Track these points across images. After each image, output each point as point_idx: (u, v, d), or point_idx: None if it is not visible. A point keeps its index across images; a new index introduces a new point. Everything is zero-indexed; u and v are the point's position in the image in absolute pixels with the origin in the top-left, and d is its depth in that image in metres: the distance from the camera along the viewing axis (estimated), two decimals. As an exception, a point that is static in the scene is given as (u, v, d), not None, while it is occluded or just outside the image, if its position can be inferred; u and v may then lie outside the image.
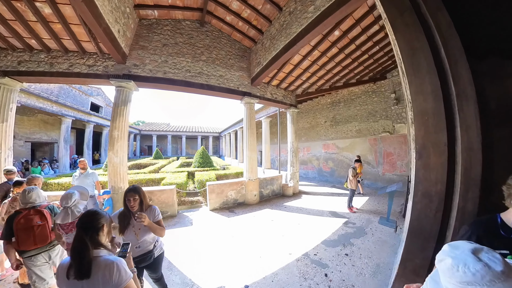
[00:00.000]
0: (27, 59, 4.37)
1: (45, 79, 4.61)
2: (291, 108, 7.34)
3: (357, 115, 8.57)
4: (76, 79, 4.55)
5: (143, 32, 4.80)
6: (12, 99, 4.49)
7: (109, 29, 3.51)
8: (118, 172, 4.48)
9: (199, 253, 3.23)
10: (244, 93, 5.98)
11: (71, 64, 4.42)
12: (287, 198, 6.54)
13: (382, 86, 7.76)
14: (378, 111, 7.82)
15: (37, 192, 1.97)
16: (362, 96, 8.40)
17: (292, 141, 7.32)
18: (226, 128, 21.38)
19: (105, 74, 4.45)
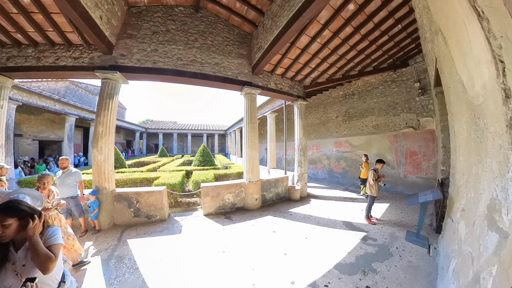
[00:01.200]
0: (15, 54, 4.27)
1: (32, 74, 4.44)
2: (298, 100, 6.51)
3: (374, 109, 7.58)
4: (62, 73, 4.35)
5: (132, 20, 4.44)
6: (3, 96, 4.47)
7: (87, 14, 3.22)
8: (103, 171, 4.18)
9: (183, 271, 2.67)
10: (243, 82, 5.24)
11: (57, 57, 4.25)
12: (293, 203, 5.75)
13: (403, 74, 6.73)
14: (399, 103, 6.81)
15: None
16: (380, 86, 7.40)
17: (300, 138, 6.50)
18: (231, 125, 20.76)
19: (91, 66, 4.19)
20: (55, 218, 2.64)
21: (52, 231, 1.28)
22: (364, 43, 5.05)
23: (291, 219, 4.53)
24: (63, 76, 4.75)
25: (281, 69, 5.77)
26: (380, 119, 7.38)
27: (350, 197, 6.36)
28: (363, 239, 3.50)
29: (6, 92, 4.57)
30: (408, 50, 5.98)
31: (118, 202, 4.25)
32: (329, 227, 4.07)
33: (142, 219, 4.34)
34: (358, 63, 5.99)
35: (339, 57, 5.47)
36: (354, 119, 8.32)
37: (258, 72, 5.32)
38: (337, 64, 5.83)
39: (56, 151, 14.52)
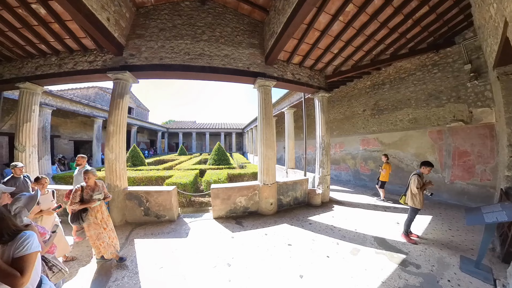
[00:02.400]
0: (42, 63, 4.78)
1: (55, 80, 4.82)
2: (319, 92, 5.73)
3: (410, 99, 6.47)
4: (79, 77, 4.63)
5: (140, 21, 4.52)
6: (34, 101, 5.00)
7: (93, 16, 3.30)
8: (114, 169, 4.26)
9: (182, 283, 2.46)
10: (256, 74, 4.73)
11: (75, 63, 4.56)
12: (313, 210, 5.07)
13: (448, 55, 5.54)
14: (444, 91, 5.65)
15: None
16: (417, 72, 6.26)
17: (322, 135, 5.73)
18: (248, 123, 20.40)
19: (103, 68, 4.36)
20: (98, 210, 2.75)
21: (24, 238, 1.09)
22: (397, 18, 4.14)
23: (311, 230, 3.90)
24: (80, 80, 4.98)
25: (298, 57, 5.09)
26: (418, 112, 6.25)
27: (381, 205, 5.43)
28: (402, 264, 2.75)
29: (37, 98, 5.11)
30: (454, 24, 4.80)
31: (129, 200, 4.29)
32: (356, 243, 3.36)
33: (151, 218, 4.32)
34: (390, 44, 5.02)
35: (367, 38, 4.61)
36: (385, 112, 7.24)
37: (272, 62, 4.74)
38: (364, 47, 4.95)
39: (88, 150, 15.89)
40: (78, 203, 2.58)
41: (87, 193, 2.66)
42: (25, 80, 4.76)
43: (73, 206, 2.55)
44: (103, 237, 2.74)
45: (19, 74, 4.93)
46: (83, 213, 2.65)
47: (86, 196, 2.65)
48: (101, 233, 2.73)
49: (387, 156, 5.77)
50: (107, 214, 2.93)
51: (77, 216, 2.61)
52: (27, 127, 4.84)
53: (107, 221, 2.88)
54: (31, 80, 4.77)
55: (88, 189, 2.70)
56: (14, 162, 3.54)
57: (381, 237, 3.56)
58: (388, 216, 4.57)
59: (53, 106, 9.50)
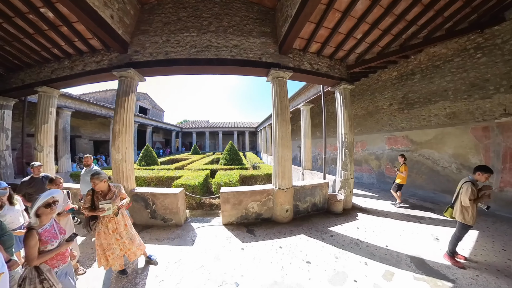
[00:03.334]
0: (56, 67, 5.00)
1: (68, 82, 5.03)
2: (341, 84, 5.09)
3: (447, 91, 5.59)
4: (88, 77, 4.68)
5: (145, 17, 4.41)
6: (51, 104, 5.32)
7: (96, 14, 3.25)
8: (121, 170, 4.17)
9: None
10: (269, 64, 4.25)
11: (85, 64, 4.67)
12: (334, 218, 4.50)
13: (495, 35, 4.62)
14: (491, 79, 4.74)
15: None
16: (456, 58, 5.37)
17: (345, 133, 5.07)
18: (262, 121, 19.90)
19: (109, 67, 4.34)
20: (110, 219, 2.47)
21: None
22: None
23: (332, 244, 3.36)
24: (89, 80, 4.97)
25: (316, 44, 4.51)
26: (458, 105, 5.37)
27: (413, 214, 4.69)
28: (454, 296, 2.15)
29: (54, 101, 5.42)
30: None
31: (136, 202, 4.15)
32: (389, 264, 2.78)
33: (158, 221, 4.17)
34: (424, 25, 4.23)
35: (396, 18, 3.90)
36: (415, 106, 6.38)
37: (287, 51, 4.23)
38: (392, 30, 4.23)
39: (106, 149, 16.68)
40: (87, 209, 2.34)
41: (97, 198, 2.40)
42: (42, 84, 5.07)
43: (84, 211, 2.34)
44: (113, 248, 2.46)
45: (37, 78, 5.26)
46: (91, 221, 2.38)
47: (96, 202, 2.38)
48: (111, 244, 2.45)
49: (404, 156, 5.23)
50: (125, 223, 2.61)
51: (86, 222, 2.38)
52: (45, 128, 5.21)
53: (122, 232, 2.55)
54: (48, 83, 5.05)
55: (99, 194, 2.43)
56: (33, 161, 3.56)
57: (419, 257, 2.93)
58: (424, 229, 3.88)
59: (72, 108, 10.02)
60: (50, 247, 1.58)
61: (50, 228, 1.65)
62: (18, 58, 5.08)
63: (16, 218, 2.43)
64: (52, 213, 1.67)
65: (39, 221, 1.60)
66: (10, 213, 2.39)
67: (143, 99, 23.84)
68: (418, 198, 5.86)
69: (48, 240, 1.57)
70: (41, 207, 1.59)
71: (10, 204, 2.45)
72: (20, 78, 5.67)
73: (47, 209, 1.61)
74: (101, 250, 2.42)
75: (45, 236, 1.57)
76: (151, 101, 25.56)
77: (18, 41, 4.38)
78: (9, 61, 5.28)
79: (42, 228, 1.59)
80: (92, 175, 2.39)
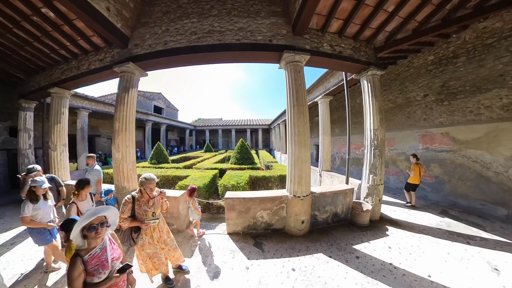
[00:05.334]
0: (65, 68, 5.13)
1: (76, 82, 5.10)
2: (368, 69, 4.22)
3: (503, 75, 4.47)
4: (93, 76, 4.64)
5: (145, 9, 4.15)
6: (63, 104, 5.46)
7: (88, 5, 3.06)
8: (121, 170, 3.99)
9: None
10: (282, 47, 3.59)
11: (89, 63, 4.67)
12: (358, 232, 3.74)
13: None
14: None
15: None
16: (518, 35, 4.26)
17: (374, 129, 4.23)
18: (275, 118, 19.12)
19: (111, 64, 4.22)
20: (154, 228, 2.25)
21: None
22: None
23: (358, 269, 2.66)
24: (95, 79, 4.95)
25: (337, 22, 3.71)
26: (519, 93, 4.27)
27: (458, 232, 3.73)
28: None
29: (66, 101, 5.55)
30: None
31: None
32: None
33: None
34: None
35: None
36: (459, 96, 5.29)
37: (302, 31, 3.53)
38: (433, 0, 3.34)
39: None
40: (128, 220, 2.00)
41: (139, 206, 2.08)
42: (53, 85, 5.23)
43: (122, 223, 1.97)
44: (159, 256, 2.25)
45: (50, 80, 5.47)
46: (134, 233, 2.05)
47: (139, 210, 2.07)
48: (157, 252, 2.25)
49: (416, 156, 5.17)
50: (167, 230, 2.42)
51: (128, 236, 2.04)
52: (58, 128, 5.35)
53: (167, 239, 2.36)
54: (59, 84, 5.19)
55: (141, 201, 2.11)
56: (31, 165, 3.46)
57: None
58: (475, 254, 2.99)
59: (89, 109, 10.36)
60: (96, 279, 1.21)
61: (100, 252, 1.29)
62: (33, 62, 5.35)
63: (47, 213, 2.58)
64: (99, 237, 1.30)
65: (87, 243, 1.27)
66: (43, 207, 2.53)
67: (158, 98, 24.28)
68: (461, 210, 4.83)
69: (94, 272, 1.22)
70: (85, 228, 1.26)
71: (44, 199, 2.59)
72: (37, 81, 5.94)
73: (91, 233, 1.25)
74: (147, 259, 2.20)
75: (91, 264, 1.22)
76: (165, 101, 26.00)
77: (29, 45, 4.56)
78: (26, 66, 5.60)
79: (89, 254, 1.24)
80: (146, 180, 2.08)
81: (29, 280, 2.56)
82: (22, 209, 2.34)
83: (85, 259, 1.21)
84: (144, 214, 2.08)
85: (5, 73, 6.31)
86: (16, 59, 5.33)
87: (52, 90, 5.23)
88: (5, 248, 3.37)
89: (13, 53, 5.05)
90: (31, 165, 3.32)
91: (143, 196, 2.13)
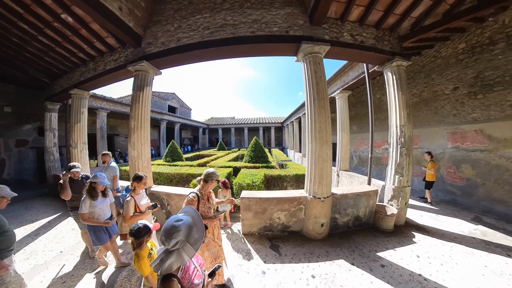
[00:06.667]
0: (84, 70, 5.36)
1: (94, 83, 5.32)
2: (394, 60, 3.86)
3: (556, 64, 3.93)
4: (109, 76, 4.79)
5: (156, 8, 4.18)
6: (83, 104, 5.71)
7: (101, 6, 3.12)
8: (137, 168, 4.03)
9: None
10: (299, 38, 3.40)
11: (105, 63, 4.83)
12: (383, 237, 3.46)
13: None
14: None
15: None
16: None
17: (401, 125, 3.83)
18: (289, 115, 18.75)
19: (125, 63, 4.30)
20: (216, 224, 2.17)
21: None
22: None
23: (384, 279, 2.43)
24: (110, 80, 5.12)
25: (357, 9, 3.41)
26: None
27: (496, 242, 3.30)
28: None
29: (85, 102, 5.81)
30: None
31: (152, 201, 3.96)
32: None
33: None
34: None
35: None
36: (496, 89, 4.74)
37: (320, 20, 3.31)
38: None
39: None
40: None
41: (203, 204, 1.96)
42: (73, 87, 5.47)
43: None
44: (219, 254, 2.16)
45: (70, 82, 5.74)
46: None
47: (203, 208, 1.95)
48: (218, 251, 2.15)
49: (430, 153, 5.36)
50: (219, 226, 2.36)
51: None
52: (78, 127, 5.60)
53: (219, 236, 2.24)
54: (78, 86, 5.43)
55: (205, 198, 2.02)
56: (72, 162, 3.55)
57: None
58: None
59: (107, 109, 10.87)
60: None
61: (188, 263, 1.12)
62: (56, 66, 5.70)
63: (102, 210, 2.53)
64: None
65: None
66: (100, 205, 2.49)
67: (172, 98, 24.87)
68: (497, 217, 4.32)
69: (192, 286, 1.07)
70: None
71: (103, 196, 2.55)
72: (60, 84, 6.31)
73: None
74: (213, 260, 2.06)
75: (186, 279, 1.05)
76: (178, 100, 26.59)
77: (52, 50, 4.85)
78: (50, 70, 6.00)
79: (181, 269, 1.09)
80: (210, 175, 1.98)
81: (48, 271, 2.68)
82: (81, 205, 2.33)
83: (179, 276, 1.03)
84: (208, 211, 1.98)
85: (34, 78, 6.79)
86: (42, 64, 5.67)
87: (72, 91, 5.49)
88: (29, 238, 3.59)
89: (39, 59, 5.38)
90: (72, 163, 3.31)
91: (206, 193, 2.03)
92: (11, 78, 7.20)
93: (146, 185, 4.14)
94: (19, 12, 3.67)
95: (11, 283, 1.78)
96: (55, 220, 4.46)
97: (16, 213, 4.81)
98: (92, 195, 2.40)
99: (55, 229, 4.01)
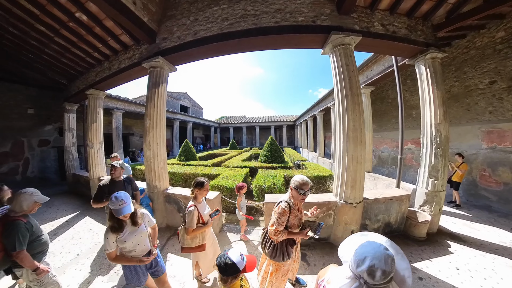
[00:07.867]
0: (99, 70, 5.39)
1: (109, 82, 5.34)
2: (428, 52, 3.48)
3: None
4: (124, 75, 4.77)
5: (170, 1, 4.04)
6: (99, 104, 5.77)
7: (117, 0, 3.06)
8: (152, 168, 3.92)
9: None
10: (328, 28, 3.14)
11: (119, 62, 4.81)
12: (416, 246, 3.15)
13: None
14: None
15: None
16: None
17: (436, 123, 3.47)
18: (302, 114, 18.34)
19: (140, 60, 4.21)
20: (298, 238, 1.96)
21: None
22: None
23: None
24: (125, 78, 5.10)
25: (389, -4, 3.11)
26: None
27: None
28: None
29: (101, 102, 5.87)
30: None
31: (169, 203, 3.94)
32: None
33: None
34: None
35: None
36: (544, 82, 4.24)
37: (349, 9, 3.04)
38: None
39: None
40: (285, 232, 1.67)
41: (294, 216, 1.73)
42: (89, 87, 5.52)
43: (278, 236, 1.65)
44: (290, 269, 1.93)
45: (86, 83, 5.81)
46: (291, 247, 1.77)
47: (293, 220, 1.72)
48: (291, 265, 1.94)
49: (462, 155, 5.05)
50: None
51: (280, 250, 1.74)
52: (94, 127, 5.65)
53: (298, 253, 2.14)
54: (94, 86, 5.48)
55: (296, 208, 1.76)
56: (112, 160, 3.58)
57: None
58: None
59: (122, 109, 11.17)
60: None
61: None
62: (72, 67, 5.80)
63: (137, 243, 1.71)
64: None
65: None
66: (131, 238, 1.67)
67: (184, 98, 25.17)
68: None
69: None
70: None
71: (133, 224, 1.69)
72: (77, 85, 6.43)
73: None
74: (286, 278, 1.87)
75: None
76: (190, 100, 26.88)
77: (68, 51, 4.94)
78: (67, 72, 6.13)
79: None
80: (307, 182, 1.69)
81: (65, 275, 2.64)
82: (104, 242, 1.60)
83: None
84: (298, 224, 1.76)
85: (53, 80, 6.99)
86: (60, 66, 5.79)
87: (88, 91, 5.54)
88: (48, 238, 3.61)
89: (57, 61, 5.50)
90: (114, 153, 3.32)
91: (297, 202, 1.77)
92: (33, 81, 7.51)
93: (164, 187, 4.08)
94: (36, 14, 3.70)
95: (49, 284, 1.80)
96: (73, 219, 4.52)
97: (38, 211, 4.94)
98: (114, 227, 1.59)
99: (72, 228, 4.05)
